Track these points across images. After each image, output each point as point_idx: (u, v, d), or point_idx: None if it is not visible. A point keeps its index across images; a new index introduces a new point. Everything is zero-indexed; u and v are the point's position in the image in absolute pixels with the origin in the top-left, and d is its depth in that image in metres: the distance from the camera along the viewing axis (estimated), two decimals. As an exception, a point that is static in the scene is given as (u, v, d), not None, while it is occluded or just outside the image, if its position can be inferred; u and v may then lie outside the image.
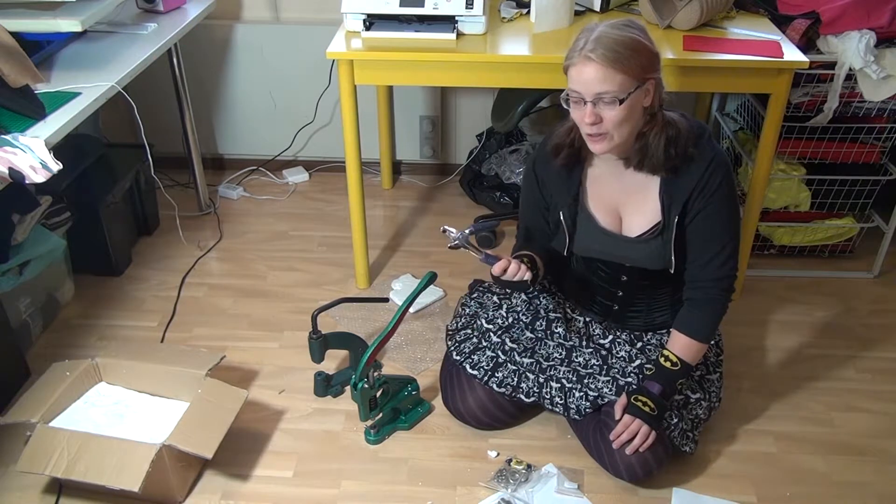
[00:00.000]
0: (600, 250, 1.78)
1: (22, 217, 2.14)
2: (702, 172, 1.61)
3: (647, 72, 1.52)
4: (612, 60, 1.47)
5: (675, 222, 1.65)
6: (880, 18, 2.10)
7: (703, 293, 1.71)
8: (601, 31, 1.50)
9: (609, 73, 1.48)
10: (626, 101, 1.50)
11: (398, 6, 2.08)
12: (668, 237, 1.67)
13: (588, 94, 1.51)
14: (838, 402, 2.05)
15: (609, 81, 1.49)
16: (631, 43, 1.49)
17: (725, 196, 1.64)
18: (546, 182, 1.79)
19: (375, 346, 1.82)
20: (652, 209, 1.68)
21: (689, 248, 1.69)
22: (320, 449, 1.91)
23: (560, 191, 1.76)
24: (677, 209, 1.64)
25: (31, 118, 1.78)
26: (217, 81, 3.00)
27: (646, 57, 1.52)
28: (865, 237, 2.57)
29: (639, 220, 1.71)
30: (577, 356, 1.86)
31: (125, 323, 2.34)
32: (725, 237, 1.67)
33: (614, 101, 1.50)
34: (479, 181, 2.92)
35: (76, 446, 1.64)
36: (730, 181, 1.64)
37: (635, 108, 1.54)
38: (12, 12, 1.96)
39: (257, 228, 2.82)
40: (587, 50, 1.49)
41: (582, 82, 1.51)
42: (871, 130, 2.33)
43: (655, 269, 1.73)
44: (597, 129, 1.55)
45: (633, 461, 1.71)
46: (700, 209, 1.64)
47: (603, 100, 1.51)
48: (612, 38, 1.48)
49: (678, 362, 1.71)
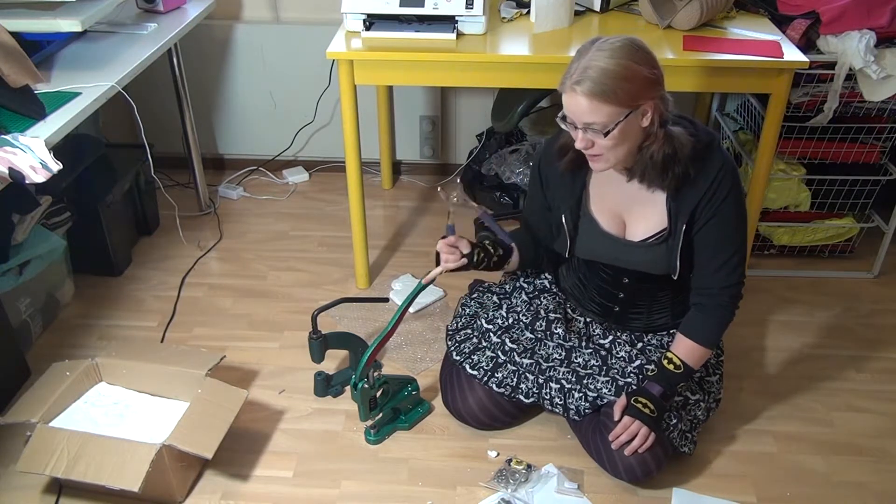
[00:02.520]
0: (602, 254, 1.77)
1: (22, 217, 2.14)
2: (710, 181, 1.59)
3: (639, 98, 1.47)
4: (597, 94, 1.44)
5: (683, 230, 1.64)
6: (880, 18, 2.10)
7: (712, 300, 1.70)
8: (590, 59, 1.45)
9: (595, 105, 1.45)
10: (614, 130, 1.48)
11: (398, 6, 2.08)
12: (673, 244, 1.66)
13: (577, 122, 1.50)
14: (838, 402, 2.05)
15: (596, 113, 1.46)
16: (621, 72, 1.44)
17: (734, 204, 1.62)
18: (550, 183, 1.79)
19: (375, 346, 1.82)
20: (658, 216, 1.67)
21: (696, 257, 1.68)
22: (320, 449, 1.91)
23: (563, 193, 1.76)
24: (685, 218, 1.63)
25: (31, 118, 1.78)
26: (217, 81, 3.00)
27: (638, 84, 1.47)
28: (865, 237, 2.57)
29: (643, 226, 1.70)
30: (577, 357, 1.86)
31: (125, 323, 2.34)
32: (734, 245, 1.66)
33: (601, 131, 1.48)
34: (479, 181, 2.92)
35: (76, 446, 1.64)
36: (738, 189, 1.63)
37: (629, 133, 1.51)
38: (12, 12, 1.96)
39: (257, 228, 2.82)
40: (573, 81, 1.46)
41: (571, 111, 1.50)
42: (871, 130, 2.33)
43: (658, 274, 1.73)
44: (590, 151, 1.55)
45: (632, 462, 1.71)
46: (709, 218, 1.62)
47: (592, 128, 1.50)
48: (601, 67, 1.43)
49: (681, 365, 1.71)
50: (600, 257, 1.79)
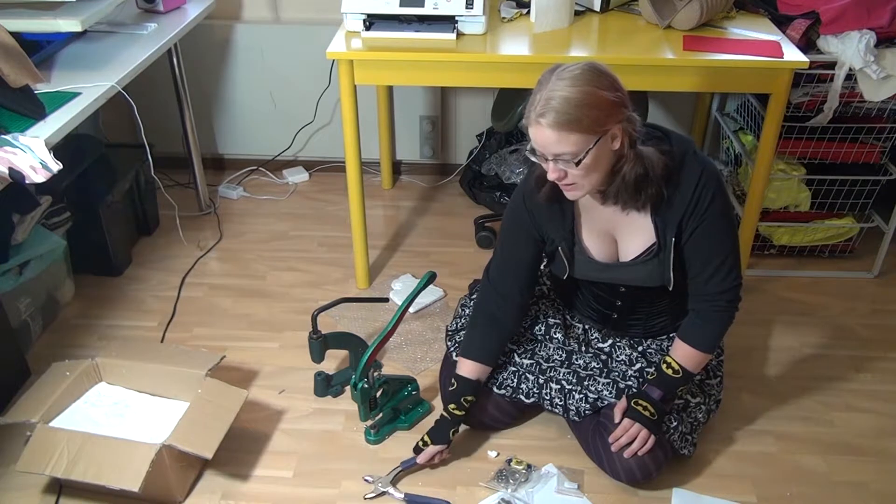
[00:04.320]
0: (598, 276, 1.76)
1: (22, 217, 2.14)
2: (692, 190, 1.57)
3: (605, 124, 1.44)
4: (563, 123, 1.41)
5: (672, 243, 1.62)
6: (880, 18, 2.10)
7: (709, 305, 1.69)
8: (551, 90, 1.42)
9: (562, 135, 1.42)
10: (585, 159, 1.45)
11: (398, 6, 2.08)
12: (664, 257, 1.64)
13: (547, 153, 1.47)
14: (838, 402, 2.05)
15: (564, 143, 1.43)
16: (584, 99, 1.41)
17: (719, 211, 1.59)
18: (537, 216, 1.73)
19: (375, 346, 1.82)
20: (646, 233, 1.65)
21: (688, 266, 1.66)
22: (320, 449, 1.91)
23: (555, 224, 1.71)
24: (672, 230, 1.61)
25: (31, 118, 1.78)
26: (217, 81, 3.00)
27: (603, 110, 1.43)
28: (865, 237, 2.57)
29: (634, 244, 1.67)
30: (578, 359, 1.86)
31: (125, 323, 2.34)
32: (724, 251, 1.63)
33: (572, 160, 1.46)
34: (479, 181, 2.92)
35: (76, 446, 1.64)
36: (722, 194, 1.60)
37: (601, 158, 1.48)
38: (12, 12, 1.96)
39: (257, 228, 2.82)
40: (537, 114, 1.43)
41: (538, 143, 1.47)
42: (871, 130, 2.33)
43: (653, 286, 1.72)
44: (564, 182, 1.52)
45: (631, 464, 1.71)
46: (695, 227, 1.60)
47: (562, 159, 1.47)
48: (563, 97, 1.40)
49: (680, 370, 1.70)
50: (596, 278, 1.77)
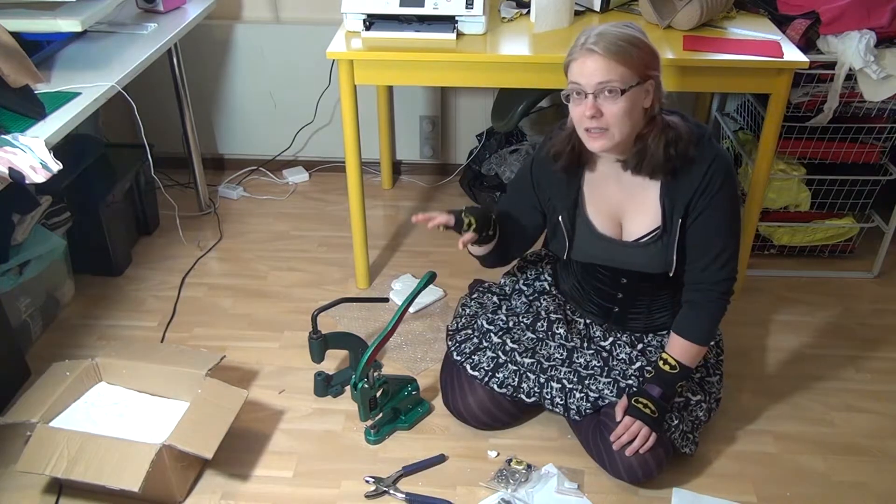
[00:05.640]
0: (599, 256, 1.77)
1: (22, 217, 2.14)
2: (703, 174, 1.61)
3: (647, 68, 1.54)
4: (614, 52, 1.50)
5: (679, 225, 1.64)
6: (880, 18, 2.10)
7: (703, 295, 1.71)
8: (603, 28, 1.53)
9: (611, 64, 1.50)
10: (628, 93, 1.51)
11: (398, 6, 2.08)
12: (669, 241, 1.67)
13: (589, 85, 1.52)
14: (838, 402, 2.05)
15: (611, 72, 1.50)
16: (632, 39, 1.52)
17: (728, 197, 1.63)
18: (543, 185, 1.78)
19: (375, 346, 1.82)
20: (652, 213, 1.67)
21: (689, 250, 1.68)
22: (320, 449, 1.91)
23: (559, 195, 1.76)
24: (680, 212, 1.64)
25: (31, 118, 1.78)
26: (217, 81, 3.00)
27: (647, 53, 1.54)
28: (865, 237, 2.57)
29: (638, 225, 1.70)
30: (578, 357, 1.86)
31: (125, 323, 2.34)
32: (726, 238, 1.66)
33: (616, 92, 1.51)
34: (479, 181, 2.92)
35: (76, 446, 1.64)
36: (731, 181, 1.64)
37: (636, 106, 1.54)
38: (12, 12, 1.96)
39: (257, 228, 2.82)
40: (590, 43, 1.51)
41: (584, 74, 1.52)
42: (871, 130, 2.33)
43: (656, 272, 1.73)
44: (596, 122, 1.54)
45: (632, 462, 1.71)
46: (702, 210, 1.63)
47: (604, 92, 1.51)
48: (614, 33, 1.52)
49: (677, 365, 1.71)
50: (597, 259, 1.79)
